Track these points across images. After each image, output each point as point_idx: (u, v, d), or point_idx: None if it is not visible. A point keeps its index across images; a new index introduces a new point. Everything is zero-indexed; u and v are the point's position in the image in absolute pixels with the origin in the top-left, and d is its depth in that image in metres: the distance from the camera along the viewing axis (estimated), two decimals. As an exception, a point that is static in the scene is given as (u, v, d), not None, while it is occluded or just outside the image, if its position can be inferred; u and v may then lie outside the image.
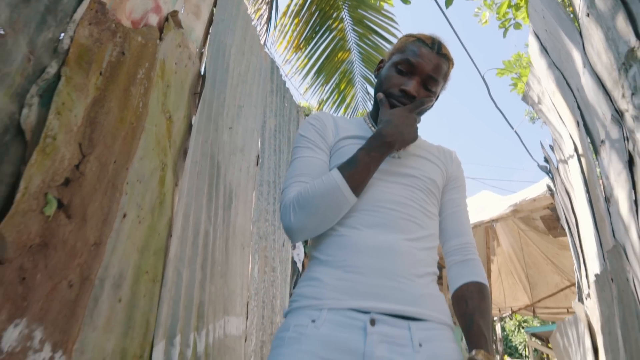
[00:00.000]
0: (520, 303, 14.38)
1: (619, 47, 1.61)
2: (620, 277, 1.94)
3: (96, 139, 1.49)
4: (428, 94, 1.29)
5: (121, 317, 1.63)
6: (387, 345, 1.02)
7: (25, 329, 1.26)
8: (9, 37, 1.23)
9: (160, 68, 1.88)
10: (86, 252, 1.46)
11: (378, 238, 1.16)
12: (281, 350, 1.06)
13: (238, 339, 2.48)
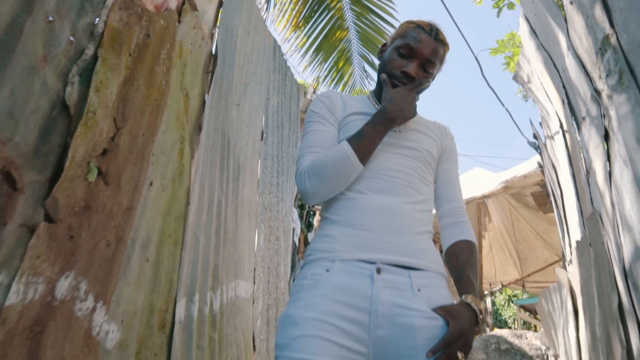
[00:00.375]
0: (510, 277, 14.72)
1: (597, 33, 1.78)
2: (597, 241, 2.14)
3: (127, 114, 1.66)
4: (426, 75, 1.46)
5: (149, 275, 1.82)
6: (391, 290, 1.22)
7: (73, 281, 1.45)
8: (56, 23, 1.38)
9: (178, 49, 2.04)
10: (120, 216, 1.64)
11: (382, 201, 1.34)
12: (300, 295, 1.25)
13: (247, 301, 2.68)
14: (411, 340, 1.17)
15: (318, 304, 1.20)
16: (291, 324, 1.20)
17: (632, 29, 1.51)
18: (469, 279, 1.32)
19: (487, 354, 7.04)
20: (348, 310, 1.19)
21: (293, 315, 1.21)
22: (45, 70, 1.35)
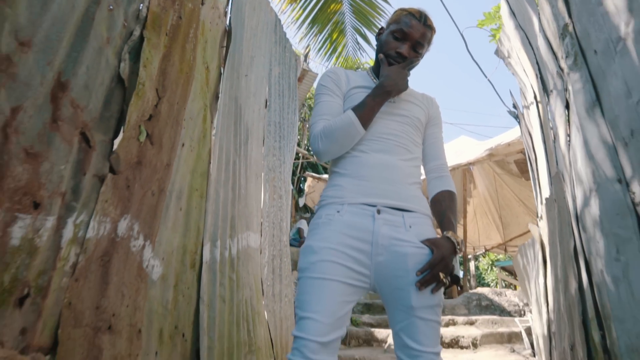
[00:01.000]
0: (493, 242, 15.29)
1: (559, 21, 2.10)
2: (560, 196, 2.51)
3: (166, 85, 1.97)
4: (416, 55, 1.79)
5: (181, 222, 2.16)
6: (388, 226, 1.57)
7: (129, 222, 1.78)
8: (115, 11, 1.68)
9: (201, 27, 2.33)
10: (162, 170, 1.97)
11: (380, 158, 1.68)
12: (317, 230, 1.60)
13: (256, 251, 3.04)
14: (404, 264, 1.52)
15: (331, 237, 1.55)
16: (310, 252, 1.56)
17: (583, 20, 1.84)
18: (450, 220, 1.68)
19: (468, 309, 7.55)
20: (355, 241, 1.54)
21: (312, 245, 1.56)
22: (107, 50, 1.65)
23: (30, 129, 1.32)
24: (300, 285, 1.55)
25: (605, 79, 1.68)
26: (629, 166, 1.55)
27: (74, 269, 1.51)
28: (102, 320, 1.62)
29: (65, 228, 1.47)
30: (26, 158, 1.31)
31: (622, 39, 1.53)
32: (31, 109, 1.32)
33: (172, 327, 2.02)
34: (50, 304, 1.41)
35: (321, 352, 1.43)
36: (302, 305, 1.50)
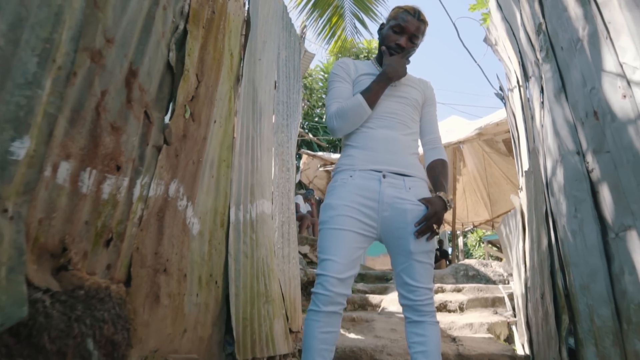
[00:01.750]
0: (481, 218, 15.80)
1: (535, 19, 2.47)
2: (536, 169, 2.90)
3: (204, 71, 2.32)
4: (412, 45, 2.16)
5: (213, 188, 2.54)
6: (392, 188, 1.95)
7: (177, 185, 2.16)
8: (167, 9, 2.03)
9: (228, 19, 2.67)
10: (200, 143, 2.34)
11: (385, 133, 2.06)
12: (334, 191, 1.99)
13: (268, 217, 3.43)
14: (404, 218, 1.92)
15: (346, 196, 1.94)
16: (329, 209, 1.94)
17: (553, 21, 2.21)
18: (441, 183, 2.07)
19: (456, 279, 8.03)
20: (365, 200, 1.93)
21: (330, 203, 1.95)
22: (162, 43, 2.01)
23: (113, 108, 1.69)
24: (321, 235, 1.95)
25: (569, 70, 2.06)
26: (584, 141, 1.95)
27: (140, 221, 1.89)
28: (159, 263, 2.01)
29: (135, 187, 1.84)
30: (112, 131, 1.67)
31: (580, 39, 1.91)
32: (113, 92, 1.68)
33: (207, 275, 2.41)
34: (125, 247, 1.79)
35: (339, 286, 1.84)
36: (323, 250, 1.90)
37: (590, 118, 1.86)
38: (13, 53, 1.25)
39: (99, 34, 1.58)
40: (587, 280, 2.01)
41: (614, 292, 1.83)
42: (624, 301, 1.76)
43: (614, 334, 1.84)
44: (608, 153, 1.77)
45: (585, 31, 1.86)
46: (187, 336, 2.17)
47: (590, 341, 2.03)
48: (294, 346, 3.48)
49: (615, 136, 1.69)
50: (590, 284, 2.00)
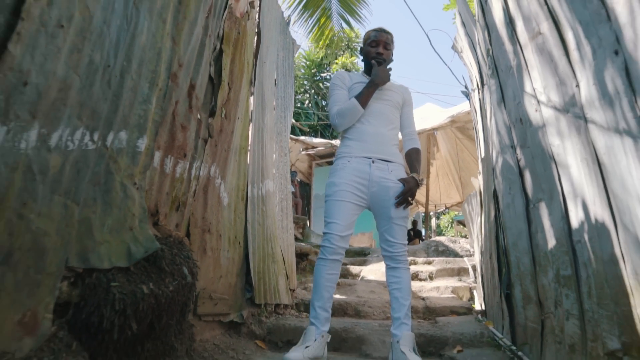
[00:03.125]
0: (453, 200, 16.75)
1: (485, 44, 3.23)
2: (488, 156, 3.67)
3: (232, 80, 3.01)
4: (388, 52, 2.89)
5: (236, 169, 3.24)
6: (379, 170, 2.70)
7: (215, 168, 2.86)
8: (211, 36, 2.71)
9: (247, 36, 3.36)
10: (230, 135, 3.04)
11: (374, 129, 2.79)
12: (336, 172, 2.72)
13: (272, 194, 4.15)
14: (387, 193, 2.66)
15: (345, 176, 2.68)
16: (333, 185, 2.68)
17: (496, 50, 2.97)
18: (415, 167, 2.82)
19: (427, 253, 8.88)
20: (359, 179, 2.67)
21: (334, 181, 2.69)
22: (208, 61, 2.69)
23: (182, 113, 2.38)
24: (327, 205, 2.69)
25: (506, 87, 2.83)
26: (515, 138, 2.72)
27: (194, 194, 2.59)
28: (205, 225, 2.72)
29: (192, 169, 2.54)
30: (181, 129, 2.37)
31: (511, 67, 2.67)
32: (182, 101, 2.37)
33: (234, 237, 3.13)
34: (186, 212, 2.50)
35: (340, 241, 2.59)
36: (329, 216, 2.64)
37: (518, 123, 2.63)
38: (137, 83, 1.94)
39: (175, 62, 2.27)
40: (515, 239, 2.80)
41: (532, 246, 2.62)
42: (537, 251, 2.55)
43: (531, 275, 2.62)
44: (528, 148, 2.54)
45: (514, 62, 2.62)
46: (221, 281, 2.90)
47: (517, 282, 2.82)
48: (292, 300, 4.23)
49: (531, 137, 2.46)
50: (518, 241, 2.79)
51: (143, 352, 1.90)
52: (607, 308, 1.90)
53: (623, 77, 1.61)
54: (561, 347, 2.29)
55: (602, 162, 1.83)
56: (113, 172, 1.77)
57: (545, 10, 2.17)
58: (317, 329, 2.58)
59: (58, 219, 1.49)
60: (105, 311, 1.62)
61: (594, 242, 1.96)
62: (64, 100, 1.47)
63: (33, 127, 1.36)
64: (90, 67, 1.58)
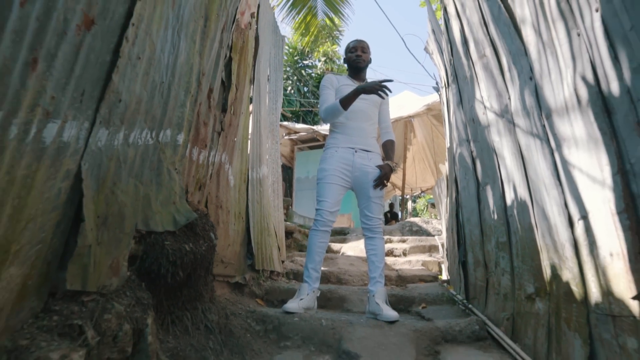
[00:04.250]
0: (428, 184, 17.52)
1: (448, 55, 3.88)
2: (451, 147, 4.34)
3: (239, 82, 3.61)
4: (365, 54, 3.54)
5: (240, 156, 3.84)
6: (360, 158, 3.35)
7: (225, 155, 3.46)
8: (224, 47, 3.29)
9: (249, 43, 3.94)
10: (236, 128, 3.63)
11: (357, 124, 3.44)
12: (326, 160, 3.37)
13: (266, 177, 4.77)
14: (367, 176, 3.32)
15: (333, 163, 3.32)
16: (323, 171, 3.32)
17: (455, 62, 3.62)
18: (390, 155, 3.47)
19: (402, 233, 9.61)
20: (344, 165, 3.32)
21: (324, 167, 3.33)
22: (220, 67, 3.28)
23: (203, 112, 2.97)
24: (318, 186, 3.32)
25: (463, 92, 3.49)
26: (470, 134, 3.38)
27: (210, 177, 3.19)
28: (218, 202, 3.33)
29: (210, 157, 3.14)
30: (203, 125, 2.96)
31: (466, 77, 3.33)
32: (203, 102, 2.96)
33: (238, 212, 3.75)
34: (205, 191, 3.10)
35: (330, 215, 3.24)
36: (320, 195, 3.28)
37: (471, 122, 3.29)
38: (178, 92, 2.53)
39: (200, 72, 2.86)
40: (469, 215, 3.48)
41: (481, 220, 3.30)
42: (484, 224, 3.23)
43: (479, 243, 3.31)
44: (478, 142, 3.20)
45: (468, 74, 3.28)
46: (229, 249, 3.52)
47: (470, 250, 3.51)
48: (283, 269, 4.88)
49: (480, 134, 3.13)
50: (471, 217, 3.47)
51: (182, 296, 2.52)
52: (527, 264, 2.58)
53: (534, 97, 2.27)
54: (498, 297, 2.98)
55: (524, 156, 2.50)
56: (162, 160, 2.37)
57: (488, 39, 2.82)
58: (310, 286, 3.23)
59: (131, 195, 2.09)
60: (162, 262, 2.24)
61: (520, 215, 2.64)
62: (138, 110, 2.07)
63: (121, 130, 1.96)
64: (153, 85, 2.18)
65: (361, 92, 3.34)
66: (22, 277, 1.51)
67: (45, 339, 1.56)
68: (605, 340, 1.90)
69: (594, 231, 1.94)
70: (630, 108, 1.61)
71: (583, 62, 1.86)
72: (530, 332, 2.53)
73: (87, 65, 1.68)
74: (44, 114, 1.49)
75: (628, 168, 1.68)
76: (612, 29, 1.65)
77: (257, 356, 2.76)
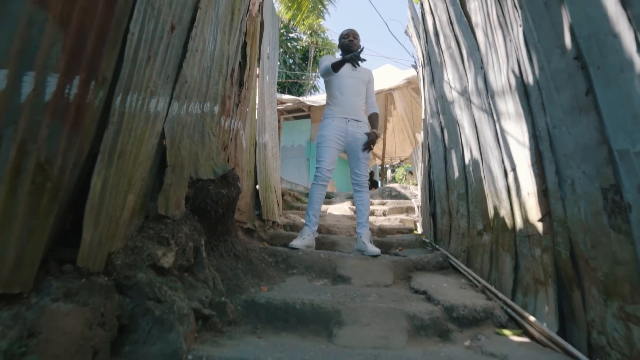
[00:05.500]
0: (407, 154, 18.41)
1: (423, 45, 4.67)
2: (426, 118, 5.16)
3: (251, 62, 4.35)
4: (356, 41, 4.34)
5: (250, 123, 4.60)
6: (352, 127, 4.17)
7: (240, 123, 4.22)
8: (241, 35, 4.01)
9: (257, 28, 4.65)
10: (248, 99, 4.39)
11: (349, 99, 4.24)
12: (324, 128, 4.18)
13: (267, 143, 5.54)
14: (357, 142, 4.15)
15: (330, 130, 4.13)
16: (322, 136, 4.14)
17: (430, 47, 4.41)
18: (375, 125, 4.30)
19: (382, 197, 10.48)
20: (339, 132, 4.14)
21: (322, 134, 4.15)
22: (239, 50, 4.01)
23: (228, 87, 3.72)
24: (318, 149, 4.13)
25: (435, 74, 4.29)
26: (439, 108, 4.20)
27: (230, 140, 3.96)
28: (236, 161, 4.11)
29: (231, 124, 3.90)
30: (227, 98, 3.72)
31: (437, 62, 4.13)
32: (228, 80, 3.71)
33: (249, 170, 4.53)
34: (227, 152, 3.87)
35: (327, 172, 4.06)
36: (320, 156, 4.09)
37: (440, 98, 4.11)
38: (214, 73, 3.27)
39: (228, 56, 3.60)
40: (438, 174, 4.33)
41: (447, 177, 4.14)
42: (449, 180, 4.07)
43: (445, 196, 4.16)
44: (446, 115, 4.02)
45: (439, 60, 4.08)
46: (242, 200, 4.31)
47: (438, 202, 4.36)
48: (281, 222, 5.71)
49: (447, 108, 3.94)
50: (439, 175, 4.31)
51: (217, 230, 3.32)
52: (478, 208, 3.43)
53: (484, 82, 3.08)
54: (458, 236, 3.85)
55: (477, 126, 3.33)
56: (205, 126, 3.13)
57: (453, 35, 3.62)
58: (310, 228, 4.06)
59: (188, 151, 2.86)
60: (207, 201, 3.02)
61: (474, 171, 3.47)
62: (194, 88, 2.82)
63: (185, 103, 2.72)
64: (202, 69, 2.93)
65: (346, 62, 4.07)
66: (133, 203, 2.29)
67: (150, 243, 2.35)
68: (524, 253, 2.77)
69: (519, 179, 2.78)
70: (539, 94, 2.43)
71: (513, 60, 2.67)
72: (479, 258, 3.40)
73: (170, 58, 2.43)
74: (150, 92, 2.25)
75: (538, 134, 2.51)
76: (529, 39, 2.46)
77: (272, 279, 3.58)
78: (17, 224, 1.41)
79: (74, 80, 1.59)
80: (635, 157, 1.78)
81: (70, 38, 1.55)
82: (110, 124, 1.84)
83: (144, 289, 2.11)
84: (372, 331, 2.56)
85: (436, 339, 2.59)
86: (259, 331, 2.64)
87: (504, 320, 2.66)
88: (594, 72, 1.96)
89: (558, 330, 2.32)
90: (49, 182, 1.53)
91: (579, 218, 2.17)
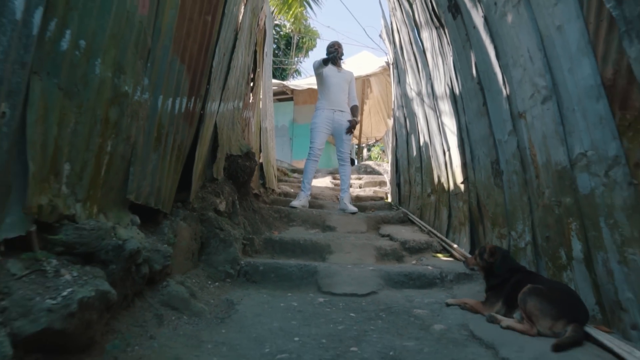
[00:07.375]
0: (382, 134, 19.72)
1: (395, 49, 5.97)
2: (397, 103, 6.47)
3: (258, 64, 5.60)
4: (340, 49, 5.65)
5: (256, 112, 5.86)
6: (338, 116, 5.57)
7: (250, 112, 5.49)
8: (254, 45, 5.26)
9: (262, 36, 5.89)
10: (259, 86, 5.65)
11: (335, 95, 5.59)
12: (316, 117, 5.53)
13: (270, 129, 6.81)
14: (342, 127, 5.53)
15: (321, 119, 5.51)
16: (314, 123, 5.52)
17: (397, 56, 5.71)
18: (356, 114, 5.69)
19: (358, 172, 11.86)
20: (328, 120, 5.51)
21: (315, 121, 5.52)
22: (252, 58, 5.26)
23: (246, 87, 4.98)
24: (312, 133, 5.50)
25: (401, 76, 5.61)
26: (403, 103, 5.54)
27: (244, 127, 5.23)
28: (249, 142, 5.39)
29: (246, 114, 5.18)
30: (245, 95, 4.99)
31: (402, 68, 5.45)
32: (246, 81, 4.97)
33: (256, 149, 5.81)
34: (245, 135, 5.15)
35: (318, 151, 5.44)
36: (313, 138, 5.46)
37: (404, 96, 5.45)
38: (240, 79, 4.52)
39: (248, 64, 4.85)
40: (402, 152, 5.69)
41: (408, 155, 5.49)
42: (410, 157, 5.42)
43: (406, 169, 5.52)
44: (407, 108, 5.37)
45: (403, 66, 5.40)
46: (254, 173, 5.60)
47: (401, 174, 5.73)
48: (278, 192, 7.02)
49: (408, 103, 5.29)
50: (403, 154, 5.67)
51: (241, 191, 4.62)
52: (428, 177, 4.81)
53: (431, 88, 4.42)
54: (414, 198, 5.23)
55: (427, 119, 4.68)
56: (234, 117, 4.41)
57: (412, 52, 4.93)
58: (305, 193, 5.42)
59: (226, 135, 4.13)
60: (238, 170, 4.32)
61: (425, 150, 4.84)
62: (231, 92, 4.09)
63: (226, 103, 3.98)
64: (236, 78, 4.20)
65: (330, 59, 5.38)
66: (200, 169, 3.56)
67: (210, 196, 3.64)
68: (454, 206, 4.14)
69: (452, 156, 4.14)
70: (461, 101, 3.78)
71: (447, 77, 4.01)
72: (428, 213, 4.78)
73: (222, 74, 3.70)
74: (212, 99, 3.52)
75: (461, 127, 3.86)
76: (456, 66, 3.79)
77: (279, 228, 4.90)
78: (169, 176, 2.70)
79: (191, 99, 2.87)
80: (505, 144, 3.14)
81: (190, 76, 2.83)
82: (202, 122, 3.13)
83: (212, 222, 3.41)
84: (352, 256, 3.92)
85: (394, 261, 3.97)
86: (276, 257, 3.96)
87: (439, 249, 4.05)
88: (487, 92, 3.31)
89: (470, 251, 3.71)
90: (180, 154, 2.82)
91: (481, 180, 3.54)
